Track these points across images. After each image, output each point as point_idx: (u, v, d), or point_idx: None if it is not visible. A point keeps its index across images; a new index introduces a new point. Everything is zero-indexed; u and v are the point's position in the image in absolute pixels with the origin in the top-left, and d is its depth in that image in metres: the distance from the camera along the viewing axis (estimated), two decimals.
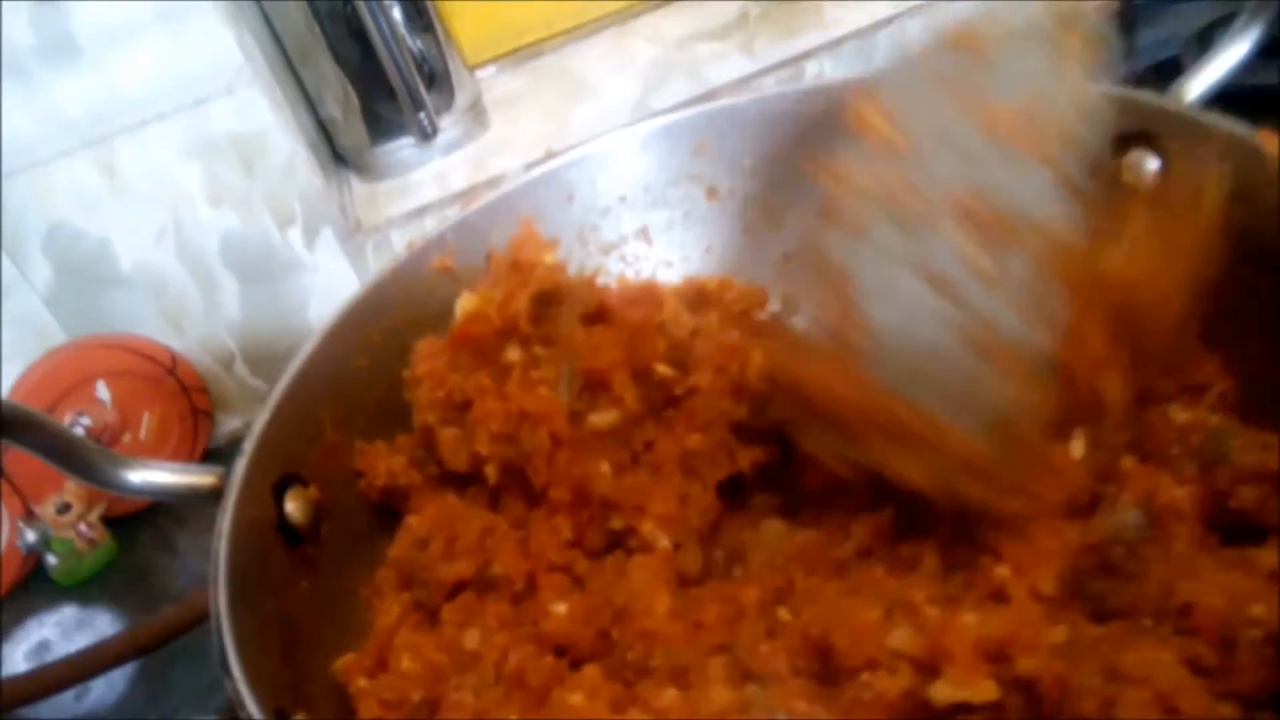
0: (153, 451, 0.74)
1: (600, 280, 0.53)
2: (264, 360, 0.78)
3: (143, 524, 0.75)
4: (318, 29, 0.76)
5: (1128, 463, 0.40)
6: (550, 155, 0.54)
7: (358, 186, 0.81)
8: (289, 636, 0.41)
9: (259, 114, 0.71)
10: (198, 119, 0.70)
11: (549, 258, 0.48)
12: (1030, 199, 0.37)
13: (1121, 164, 0.46)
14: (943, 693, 0.34)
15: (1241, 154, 0.41)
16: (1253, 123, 0.41)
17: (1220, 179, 0.39)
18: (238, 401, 0.79)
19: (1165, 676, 0.32)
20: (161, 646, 0.62)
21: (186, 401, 0.76)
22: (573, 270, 0.53)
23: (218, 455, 0.78)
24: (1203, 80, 0.45)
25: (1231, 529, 0.38)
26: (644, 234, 0.56)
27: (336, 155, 0.82)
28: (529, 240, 0.49)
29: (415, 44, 0.78)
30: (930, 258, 0.36)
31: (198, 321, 0.76)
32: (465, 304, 0.47)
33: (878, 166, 0.38)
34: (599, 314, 0.47)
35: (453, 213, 0.75)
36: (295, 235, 0.75)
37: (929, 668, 0.34)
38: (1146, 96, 0.45)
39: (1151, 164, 0.45)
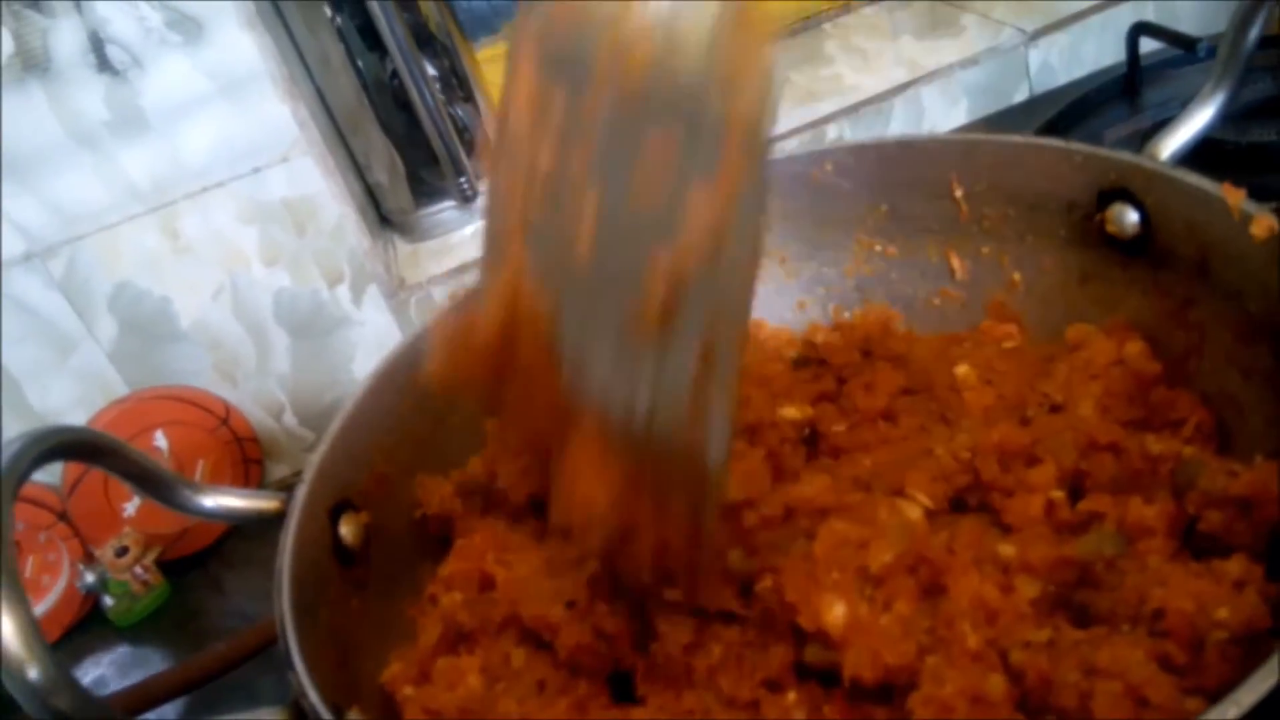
0: None
1: None
2: (311, 411, 0.85)
3: (194, 567, 0.80)
4: (366, 101, 0.84)
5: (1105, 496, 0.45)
6: None
7: (402, 247, 0.88)
8: (343, 645, 0.46)
9: (312, 180, 0.78)
10: (255, 185, 0.77)
11: None
12: None
13: (1105, 217, 0.52)
14: None
15: (1209, 205, 0.46)
16: (1219, 177, 0.46)
17: None
18: (286, 450, 0.85)
19: (1137, 672, 0.37)
20: (210, 681, 0.67)
21: (238, 450, 0.82)
22: None
23: None
24: (1178, 138, 0.50)
25: (1203, 548, 0.42)
26: None
27: (382, 218, 0.89)
28: None
29: (456, 112, 0.85)
30: None
31: (250, 375, 0.83)
32: None
33: None
34: None
35: None
36: (343, 293, 0.82)
37: None
38: (1121, 155, 0.50)
39: (1132, 216, 0.50)
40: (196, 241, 0.78)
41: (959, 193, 0.56)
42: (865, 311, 0.58)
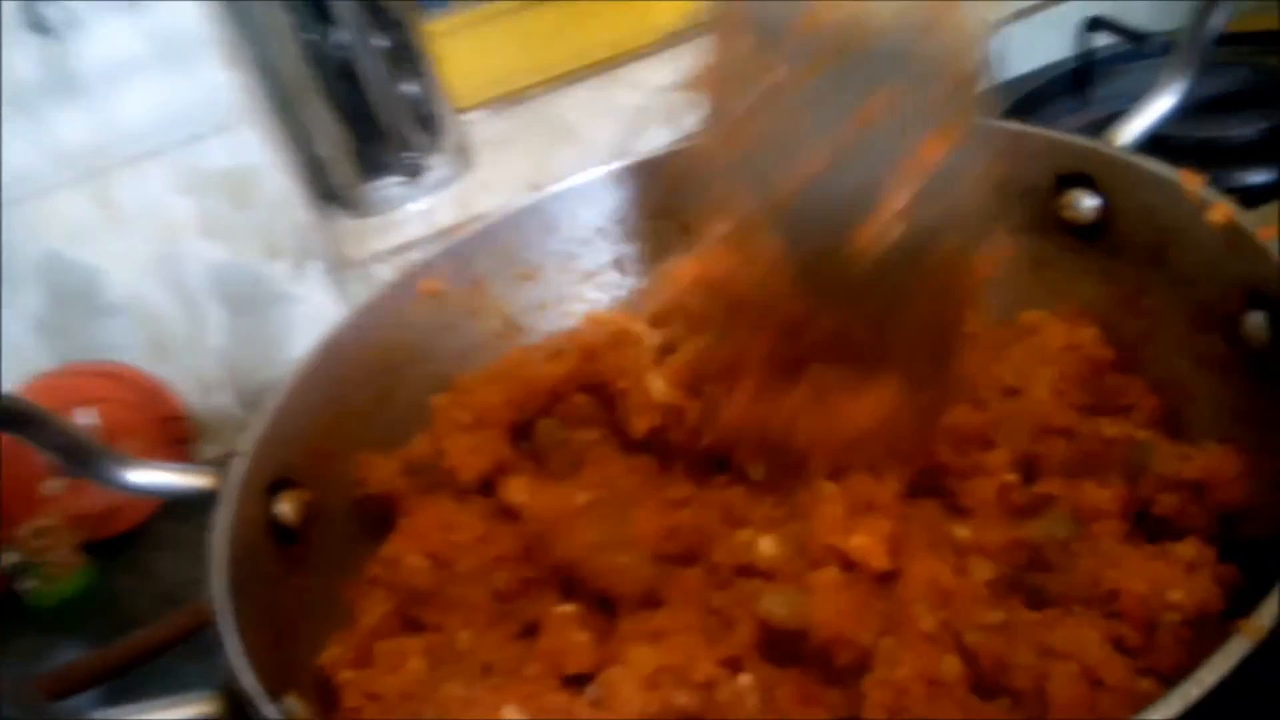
0: None
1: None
2: (247, 389, 0.82)
3: (120, 549, 0.78)
4: (312, 71, 0.81)
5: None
6: (534, 188, 0.59)
7: (345, 222, 0.86)
8: (278, 627, 0.45)
9: (253, 151, 0.76)
10: (194, 154, 0.75)
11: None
12: None
13: (1062, 203, 0.52)
14: None
15: (1167, 191, 0.46)
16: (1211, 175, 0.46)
17: None
18: (219, 429, 0.83)
19: (1091, 653, 0.37)
20: (134, 667, 0.65)
21: (169, 429, 0.79)
22: (552, 293, 0.58)
23: None
24: (1135, 127, 0.50)
25: (1156, 531, 0.42)
26: (619, 264, 0.61)
27: (326, 192, 0.87)
28: None
29: (406, 87, 0.83)
30: None
31: (183, 351, 0.80)
32: None
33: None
34: None
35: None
36: (283, 268, 0.80)
37: None
38: (1083, 140, 0.51)
39: (1089, 202, 0.51)
40: (130, 211, 0.75)
41: None
42: None
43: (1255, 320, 0.43)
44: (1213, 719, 0.31)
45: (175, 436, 0.80)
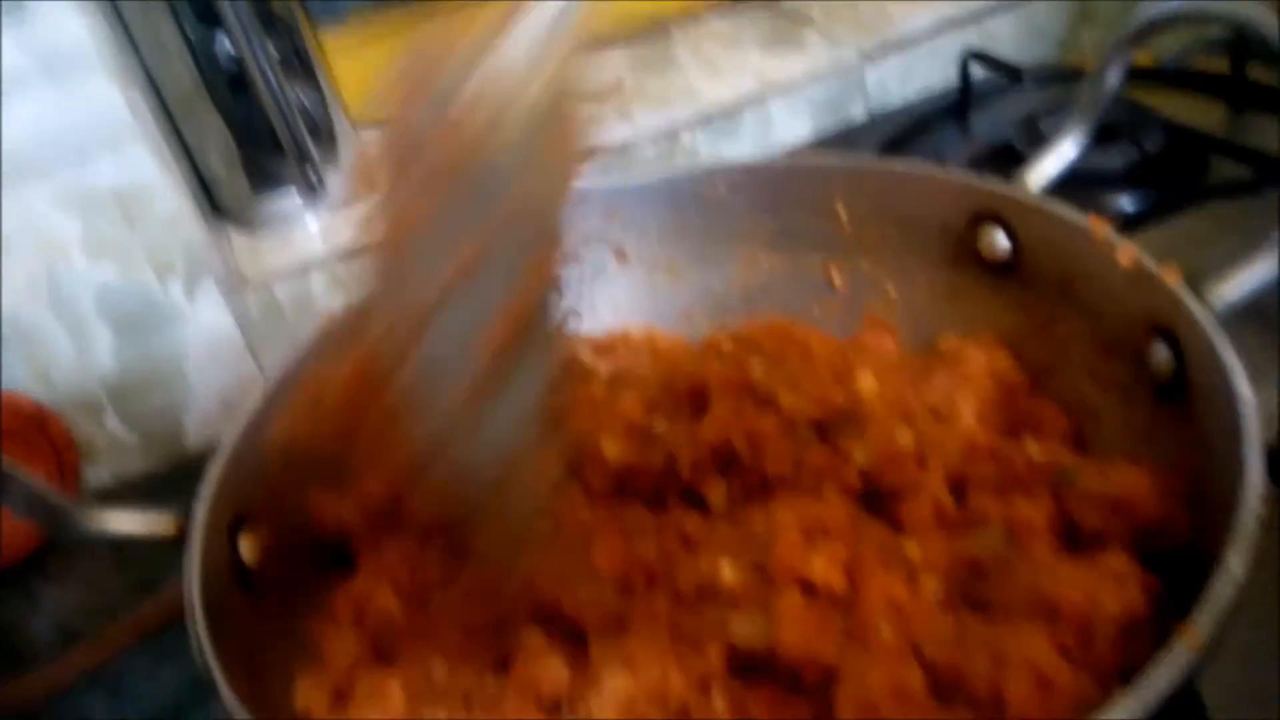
0: None
1: None
2: (137, 413, 0.80)
3: (6, 581, 0.74)
4: (201, 82, 0.79)
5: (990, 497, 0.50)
6: None
7: (238, 240, 0.84)
8: (250, 668, 0.45)
9: (144, 169, 0.73)
10: (80, 173, 0.72)
11: None
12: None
13: (978, 240, 0.57)
14: None
15: (1075, 233, 0.51)
16: (1085, 205, 0.52)
17: None
18: (108, 455, 0.80)
19: (1041, 658, 0.41)
20: (34, 705, 0.63)
21: (54, 456, 0.76)
22: None
23: None
24: (1044, 170, 0.56)
25: (1082, 544, 0.47)
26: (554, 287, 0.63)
27: (220, 209, 0.85)
28: None
29: (298, 96, 0.82)
30: None
31: (68, 374, 0.77)
32: None
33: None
34: None
35: (341, 268, 0.80)
36: (176, 288, 0.77)
37: None
38: (995, 184, 0.55)
39: (1003, 241, 0.56)
40: (10, 231, 0.71)
41: (843, 213, 0.60)
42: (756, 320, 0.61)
43: (1160, 352, 0.48)
44: None
45: (62, 464, 0.77)
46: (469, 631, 0.49)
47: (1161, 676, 0.35)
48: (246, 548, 0.48)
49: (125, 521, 0.46)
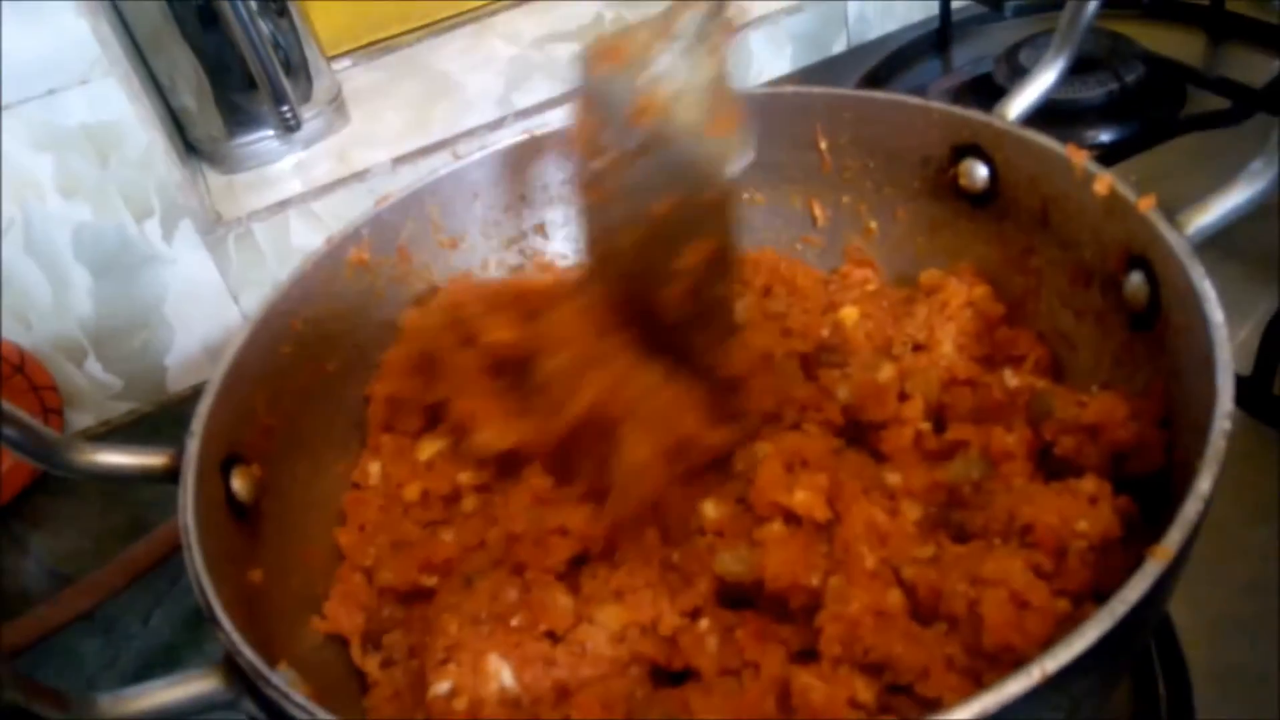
0: None
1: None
2: (117, 356, 0.80)
3: None
4: (170, 15, 0.78)
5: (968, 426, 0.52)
6: (457, 157, 0.60)
7: (213, 179, 0.84)
8: (247, 602, 0.46)
9: (116, 105, 0.73)
10: (50, 109, 0.72)
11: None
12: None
13: (957, 171, 0.58)
14: None
15: (1053, 163, 0.52)
16: (1064, 137, 0.52)
17: None
18: (89, 398, 0.81)
19: (1016, 578, 0.43)
20: (28, 648, 0.64)
21: (35, 400, 0.77)
22: (477, 259, 0.60)
23: None
24: (1022, 101, 0.56)
25: (1057, 470, 0.49)
26: (542, 229, 0.64)
27: (188, 146, 0.85)
28: None
29: (270, 29, 0.81)
30: None
31: (47, 317, 0.77)
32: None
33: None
34: None
35: (318, 206, 0.80)
36: (153, 228, 0.78)
37: None
38: (975, 114, 0.56)
39: (982, 171, 0.57)
40: None
41: (823, 145, 0.61)
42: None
43: (1135, 280, 0.49)
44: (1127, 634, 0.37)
45: (45, 406, 0.77)
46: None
47: (1133, 588, 0.37)
48: (241, 485, 0.49)
49: (118, 455, 0.46)
